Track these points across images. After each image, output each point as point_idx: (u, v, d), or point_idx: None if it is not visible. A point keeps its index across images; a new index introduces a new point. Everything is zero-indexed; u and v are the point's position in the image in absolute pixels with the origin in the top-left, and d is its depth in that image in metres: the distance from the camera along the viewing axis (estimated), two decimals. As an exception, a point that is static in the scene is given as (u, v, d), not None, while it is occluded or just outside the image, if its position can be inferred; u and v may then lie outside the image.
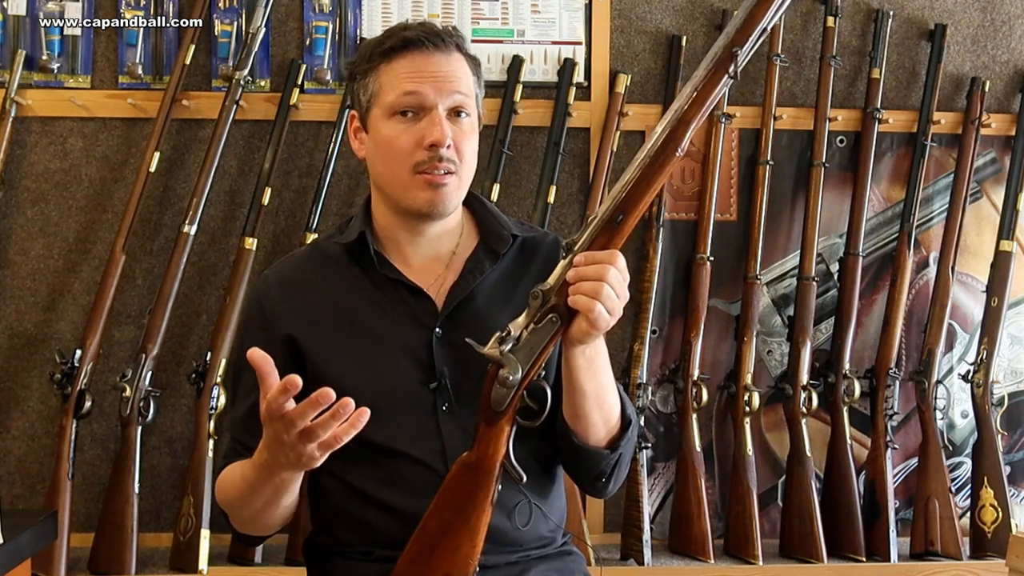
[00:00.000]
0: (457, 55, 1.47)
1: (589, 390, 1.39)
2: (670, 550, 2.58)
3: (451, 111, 1.45)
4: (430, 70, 1.44)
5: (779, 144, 2.69)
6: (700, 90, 1.30)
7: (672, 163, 1.32)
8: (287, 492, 1.38)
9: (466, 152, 1.47)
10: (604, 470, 1.46)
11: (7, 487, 2.52)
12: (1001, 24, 2.75)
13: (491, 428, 1.33)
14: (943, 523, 2.57)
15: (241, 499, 1.43)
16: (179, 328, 2.55)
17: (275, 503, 1.40)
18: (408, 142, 1.44)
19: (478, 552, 1.33)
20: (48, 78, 2.53)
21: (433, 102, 1.44)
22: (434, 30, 1.47)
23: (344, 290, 1.51)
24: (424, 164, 1.44)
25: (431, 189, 1.45)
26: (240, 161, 2.59)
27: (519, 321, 1.33)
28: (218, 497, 1.50)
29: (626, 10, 2.65)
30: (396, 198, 1.49)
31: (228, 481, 1.47)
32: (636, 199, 1.31)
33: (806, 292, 2.62)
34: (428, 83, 1.44)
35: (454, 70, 1.46)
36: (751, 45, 1.30)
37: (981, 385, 2.63)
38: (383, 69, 1.46)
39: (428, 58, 1.45)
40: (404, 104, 1.44)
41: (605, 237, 1.31)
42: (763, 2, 1.29)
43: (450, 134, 1.44)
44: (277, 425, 1.24)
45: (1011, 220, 2.67)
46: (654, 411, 2.66)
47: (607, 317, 1.30)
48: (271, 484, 1.36)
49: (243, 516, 1.46)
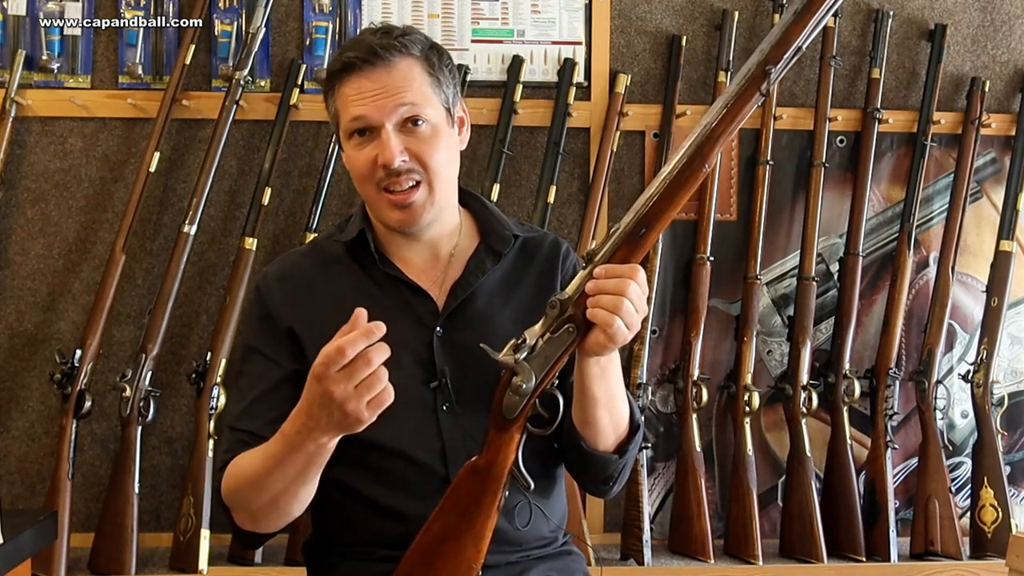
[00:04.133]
0: (404, 62, 1.45)
1: (601, 397, 1.39)
2: (670, 550, 2.58)
3: (403, 123, 1.44)
4: (371, 89, 1.43)
5: (779, 144, 2.69)
6: (731, 106, 1.30)
7: (699, 179, 1.30)
8: (315, 466, 1.33)
9: (430, 159, 1.45)
10: (612, 474, 1.46)
11: (7, 487, 2.52)
12: (1001, 24, 2.75)
13: (501, 434, 1.33)
14: (943, 523, 2.57)
15: (258, 484, 1.37)
16: (179, 328, 2.55)
17: (299, 481, 1.34)
18: (364, 163, 1.45)
19: (482, 557, 1.33)
20: (48, 78, 2.53)
21: (379, 121, 1.43)
22: (371, 46, 1.44)
23: (345, 288, 1.51)
24: (384, 181, 1.44)
25: (398, 210, 1.45)
26: (240, 161, 2.59)
27: (535, 329, 1.32)
28: (226, 490, 1.44)
29: (626, 10, 2.65)
30: (373, 214, 1.51)
31: (240, 470, 1.41)
32: (660, 213, 1.30)
33: (806, 292, 2.62)
34: (369, 104, 1.43)
35: (396, 82, 1.44)
36: (785, 64, 1.30)
37: (981, 385, 2.63)
38: (337, 93, 1.47)
39: (368, 77, 1.43)
40: (353, 128, 1.45)
41: (626, 250, 1.31)
42: (799, 21, 1.29)
43: (400, 148, 1.43)
44: (337, 377, 1.20)
45: (1011, 220, 2.67)
46: (654, 411, 2.66)
47: (625, 332, 1.29)
48: (302, 454, 1.30)
49: (257, 504, 1.39)
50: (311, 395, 1.24)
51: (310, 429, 1.27)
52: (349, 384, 1.21)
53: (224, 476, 1.43)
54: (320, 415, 1.24)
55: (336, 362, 1.20)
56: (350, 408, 1.21)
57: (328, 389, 1.21)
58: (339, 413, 1.22)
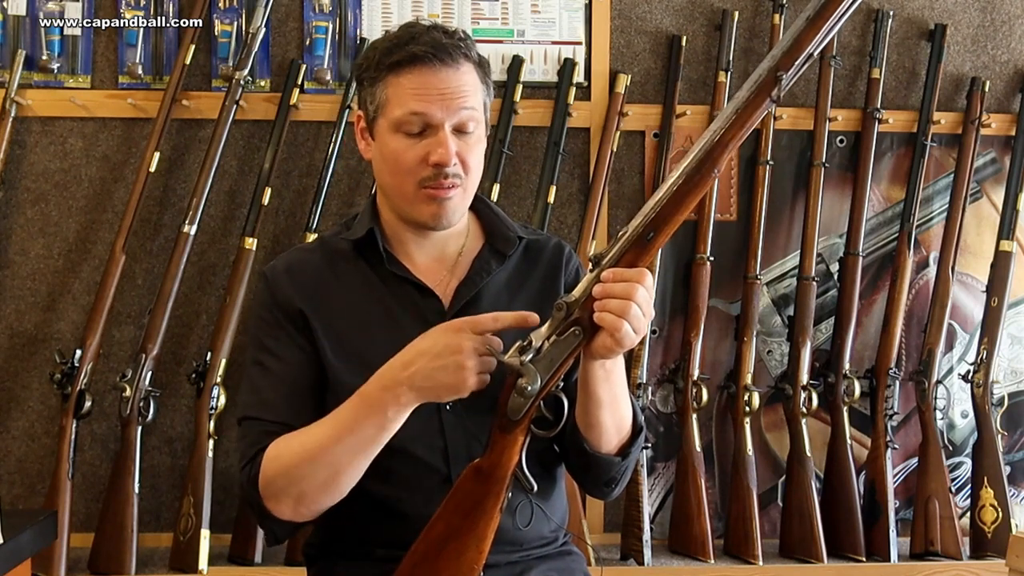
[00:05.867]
0: (466, 66, 1.45)
1: (605, 399, 1.38)
2: (670, 550, 2.58)
3: (457, 126, 1.44)
4: (437, 87, 1.42)
5: (779, 144, 2.69)
6: (741, 112, 1.29)
7: (708, 184, 1.31)
8: (386, 434, 1.33)
9: (471, 164, 1.46)
10: (614, 476, 1.46)
11: (7, 487, 2.52)
12: (1001, 24, 2.75)
13: (505, 436, 1.32)
14: (943, 523, 2.58)
15: (319, 458, 1.33)
16: (179, 328, 2.55)
17: (370, 447, 1.33)
18: (414, 159, 1.43)
19: (483, 558, 1.33)
20: (48, 78, 2.53)
21: (440, 121, 1.42)
22: (442, 43, 1.43)
23: (351, 286, 1.50)
24: (429, 180, 1.43)
25: (435, 203, 1.44)
26: (240, 161, 2.59)
27: (541, 331, 1.32)
28: (267, 477, 1.38)
29: (626, 10, 2.65)
30: (401, 209, 1.49)
31: (289, 450, 1.37)
32: (668, 218, 1.30)
33: (806, 292, 2.62)
34: (435, 102, 1.42)
35: (462, 85, 1.43)
36: (796, 70, 1.30)
37: (981, 385, 2.63)
38: (390, 81, 1.44)
39: (435, 74, 1.42)
40: (410, 122, 1.43)
41: (633, 254, 1.31)
42: (811, 28, 1.29)
43: (454, 151, 1.42)
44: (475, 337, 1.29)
45: (1011, 220, 2.67)
46: (654, 411, 2.66)
47: (632, 336, 1.29)
48: (378, 418, 1.31)
49: (314, 483, 1.35)
50: (432, 343, 1.30)
51: (400, 382, 1.30)
52: (480, 347, 1.28)
53: (263, 463, 1.39)
54: (427, 365, 1.29)
55: (484, 326, 1.29)
56: (468, 364, 1.28)
57: (462, 341, 1.28)
58: (453, 367, 1.28)
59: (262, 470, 1.39)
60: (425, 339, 1.31)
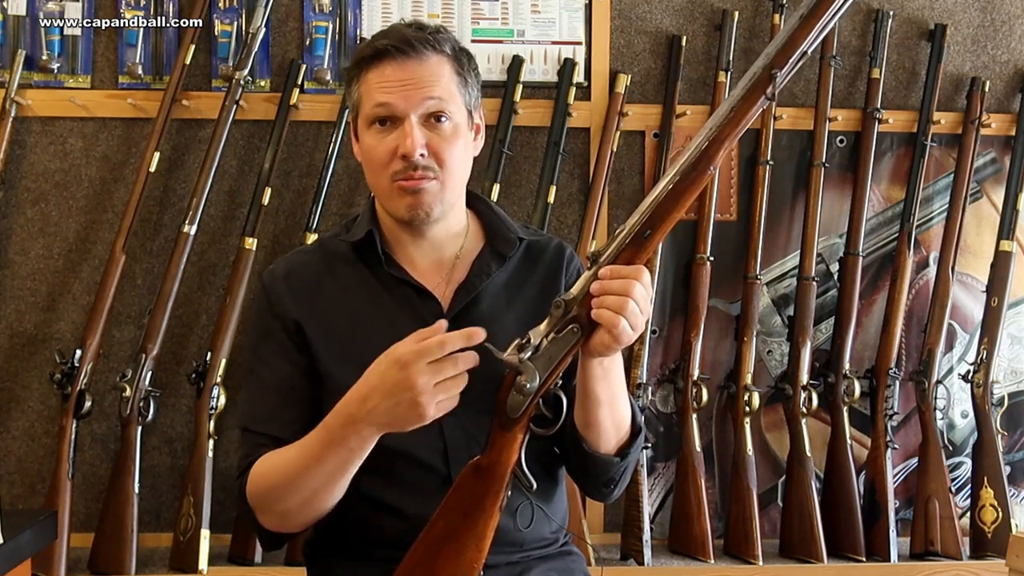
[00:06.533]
0: (435, 58, 1.45)
1: (603, 398, 1.39)
2: (670, 550, 2.58)
3: (427, 117, 1.44)
4: (400, 79, 1.43)
5: (779, 144, 2.69)
6: (736, 109, 1.30)
7: (704, 181, 1.31)
8: (353, 464, 1.33)
9: (447, 157, 1.45)
10: (613, 477, 1.46)
11: (7, 487, 2.52)
12: (1001, 24, 2.75)
13: (505, 434, 1.33)
14: (943, 523, 2.57)
15: (292, 483, 1.36)
16: (179, 328, 2.55)
17: (335, 479, 1.34)
18: (384, 153, 1.44)
19: (483, 557, 1.33)
20: (48, 78, 2.53)
21: (404, 111, 1.43)
22: (406, 36, 1.44)
23: (350, 288, 1.51)
24: (400, 174, 1.44)
25: (409, 195, 1.44)
26: (240, 161, 2.59)
27: (539, 329, 1.32)
28: (252, 493, 1.42)
29: (626, 10, 2.65)
30: (383, 205, 1.50)
31: (269, 470, 1.39)
32: (665, 215, 1.30)
33: (806, 292, 2.62)
34: (397, 92, 1.43)
35: (427, 76, 1.44)
36: (790, 68, 1.30)
37: (981, 385, 2.63)
38: (363, 78, 1.46)
39: (400, 66, 1.43)
40: (376, 115, 1.44)
41: (631, 251, 1.31)
42: (805, 26, 1.29)
43: (421, 142, 1.42)
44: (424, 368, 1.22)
45: (1011, 220, 2.67)
46: (654, 411, 2.66)
47: (630, 333, 1.29)
48: (343, 449, 1.30)
49: (290, 504, 1.37)
50: (381, 380, 1.26)
51: (359, 419, 1.28)
52: (432, 378, 1.23)
53: (249, 478, 1.42)
54: (382, 404, 1.26)
55: (432, 354, 1.23)
56: (422, 400, 1.24)
57: (411, 377, 1.23)
58: (406, 404, 1.24)
59: (249, 484, 1.42)
60: (373, 373, 1.27)
